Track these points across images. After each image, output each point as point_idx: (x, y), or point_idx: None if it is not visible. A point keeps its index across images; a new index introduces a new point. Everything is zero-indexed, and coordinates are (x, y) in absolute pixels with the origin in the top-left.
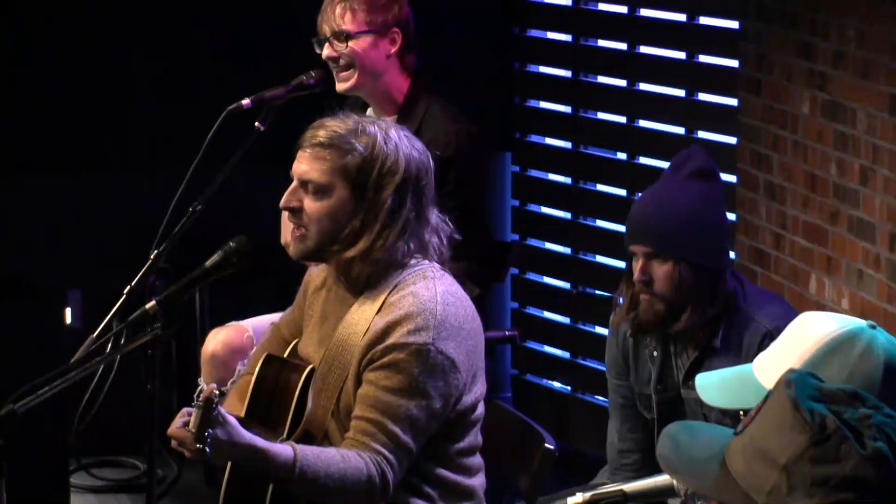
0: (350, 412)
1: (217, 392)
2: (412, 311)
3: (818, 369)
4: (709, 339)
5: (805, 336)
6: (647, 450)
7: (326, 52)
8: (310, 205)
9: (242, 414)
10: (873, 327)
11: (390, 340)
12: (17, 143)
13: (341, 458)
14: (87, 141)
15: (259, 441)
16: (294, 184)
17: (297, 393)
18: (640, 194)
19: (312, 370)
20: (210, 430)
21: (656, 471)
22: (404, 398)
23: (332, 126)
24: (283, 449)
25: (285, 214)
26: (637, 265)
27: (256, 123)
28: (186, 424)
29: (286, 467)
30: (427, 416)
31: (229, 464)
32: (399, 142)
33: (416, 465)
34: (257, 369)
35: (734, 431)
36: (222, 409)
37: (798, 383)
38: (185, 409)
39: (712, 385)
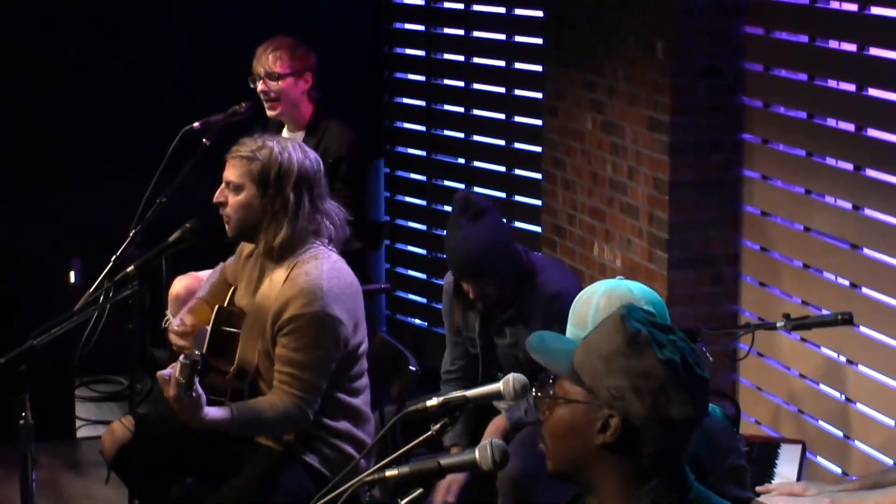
0: (268, 354)
1: (198, 354)
2: (305, 288)
3: (601, 314)
4: (513, 304)
5: (582, 308)
6: (468, 372)
7: (260, 87)
8: (230, 200)
9: (204, 350)
10: (623, 279)
11: (291, 312)
12: (42, 154)
13: (270, 406)
14: (87, 153)
15: (209, 414)
16: (223, 185)
17: (241, 333)
18: (447, 235)
19: None
20: (194, 384)
21: (472, 386)
22: (308, 353)
23: (245, 143)
24: (224, 413)
25: None
26: (470, 289)
27: (204, 140)
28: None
29: (227, 424)
30: (327, 361)
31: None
32: (293, 152)
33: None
34: (213, 316)
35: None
36: (198, 386)
37: (630, 309)
38: (162, 373)
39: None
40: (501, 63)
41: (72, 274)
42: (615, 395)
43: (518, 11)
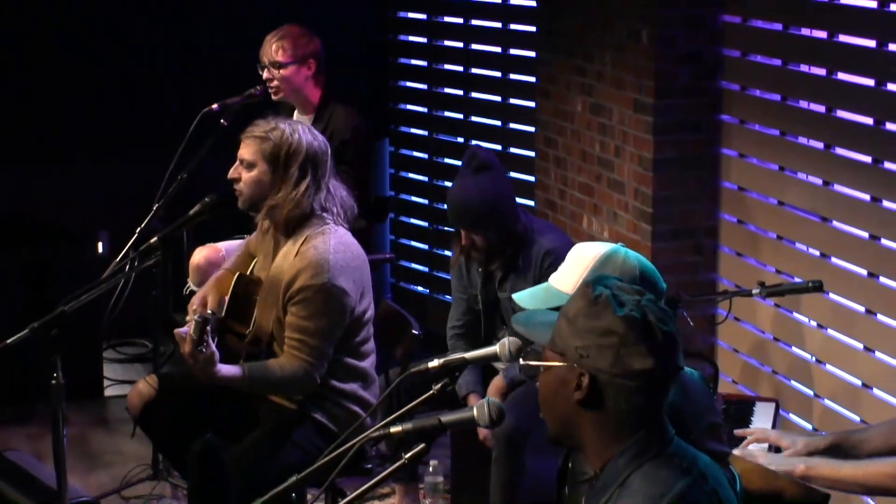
0: (281, 321)
1: (211, 314)
2: (313, 261)
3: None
4: (512, 259)
5: (583, 256)
6: (473, 327)
7: (265, 74)
8: (244, 176)
9: (223, 313)
10: (624, 246)
11: (301, 283)
12: (72, 133)
13: (280, 367)
14: (114, 133)
15: (221, 370)
16: (237, 162)
17: (257, 300)
18: (451, 185)
19: None
20: (205, 341)
21: (475, 340)
22: (316, 321)
23: (258, 124)
24: (236, 371)
25: None
26: (462, 235)
27: (222, 120)
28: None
29: (239, 381)
30: (333, 329)
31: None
32: (302, 134)
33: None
34: (233, 282)
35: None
36: (210, 341)
37: (598, 278)
38: (179, 331)
39: (526, 296)
40: (497, 49)
41: (100, 245)
42: (582, 354)
43: (513, 1)
